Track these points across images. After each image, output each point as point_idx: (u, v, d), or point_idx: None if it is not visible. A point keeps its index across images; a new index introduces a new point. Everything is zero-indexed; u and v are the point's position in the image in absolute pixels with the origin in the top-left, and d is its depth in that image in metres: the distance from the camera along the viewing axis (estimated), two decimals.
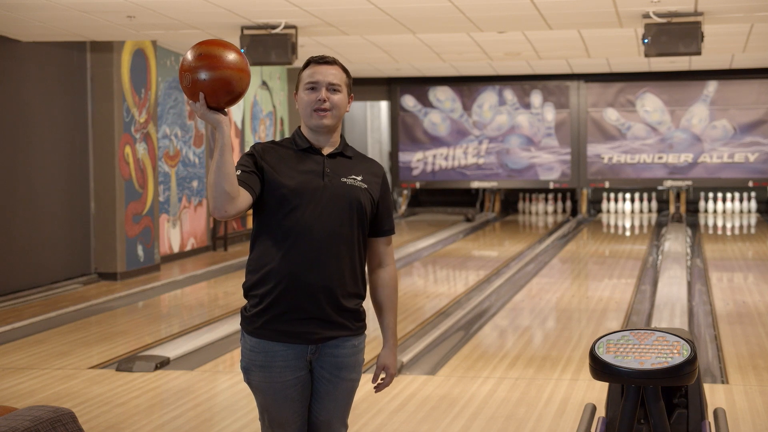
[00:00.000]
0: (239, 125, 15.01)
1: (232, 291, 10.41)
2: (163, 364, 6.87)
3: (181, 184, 13.15)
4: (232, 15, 9.21)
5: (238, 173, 3.16)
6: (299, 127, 3.40)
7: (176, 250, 13.01)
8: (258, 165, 3.26)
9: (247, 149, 17.65)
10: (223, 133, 3.02)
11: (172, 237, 12.92)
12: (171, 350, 7.23)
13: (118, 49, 11.19)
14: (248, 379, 3.32)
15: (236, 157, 14.90)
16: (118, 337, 7.99)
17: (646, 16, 9.17)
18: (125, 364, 6.85)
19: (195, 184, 13.61)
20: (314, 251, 3.23)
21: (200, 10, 8.93)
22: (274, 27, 9.73)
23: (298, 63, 14.52)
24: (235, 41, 10.56)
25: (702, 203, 18.83)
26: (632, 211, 18.94)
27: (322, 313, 3.25)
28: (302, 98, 3.32)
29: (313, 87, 3.30)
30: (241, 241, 14.90)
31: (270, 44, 9.72)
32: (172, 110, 12.83)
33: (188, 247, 13.37)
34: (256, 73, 15.52)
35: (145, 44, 11.76)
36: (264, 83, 15.81)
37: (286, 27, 9.72)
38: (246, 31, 9.79)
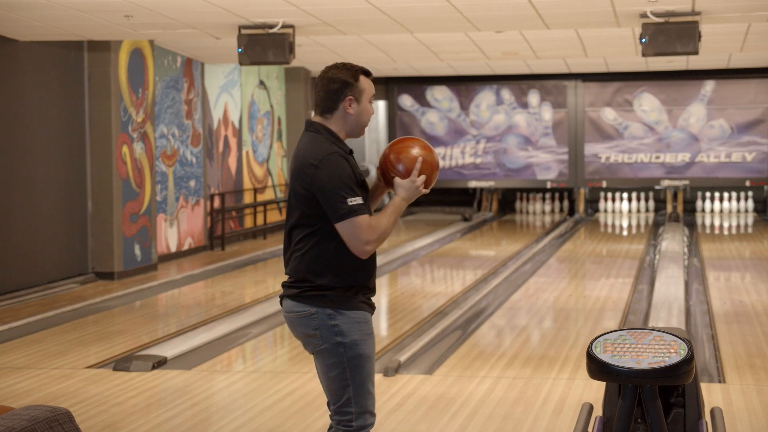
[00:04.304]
0: (237, 125, 15.00)
1: (229, 290, 10.41)
2: (160, 363, 6.86)
3: (178, 183, 13.14)
4: (229, 14, 9.20)
5: (362, 202, 3.48)
6: (331, 130, 3.57)
7: (173, 249, 13.00)
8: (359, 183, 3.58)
9: (243, 148, 17.40)
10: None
11: (170, 236, 12.91)
12: (168, 350, 7.23)
13: (115, 49, 11.18)
14: (358, 352, 3.51)
15: (228, 156, 14.92)
16: (116, 337, 7.99)
17: (644, 15, 9.18)
18: (122, 363, 6.84)
19: (192, 183, 13.60)
20: None
21: (198, 9, 8.92)
22: (271, 26, 9.72)
23: (296, 62, 14.52)
24: (233, 41, 10.57)
25: (699, 203, 18.84)
26: (629, 211, 18.95)
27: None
28: (368, 110, 3.61)
29: (371, 101, 3.64)
30: (238, 241, 14.89)
31: (267, 44, 9.72)
32: (169, 110, 12.82)
33: (185, 247, 13.37)
34: (254, 73, 15.51)
35: (143, 44, 11.75)
36: (261, 83, 15.80)
37: (284, 26, 9.72)
38: (243, 31, 9.79)
